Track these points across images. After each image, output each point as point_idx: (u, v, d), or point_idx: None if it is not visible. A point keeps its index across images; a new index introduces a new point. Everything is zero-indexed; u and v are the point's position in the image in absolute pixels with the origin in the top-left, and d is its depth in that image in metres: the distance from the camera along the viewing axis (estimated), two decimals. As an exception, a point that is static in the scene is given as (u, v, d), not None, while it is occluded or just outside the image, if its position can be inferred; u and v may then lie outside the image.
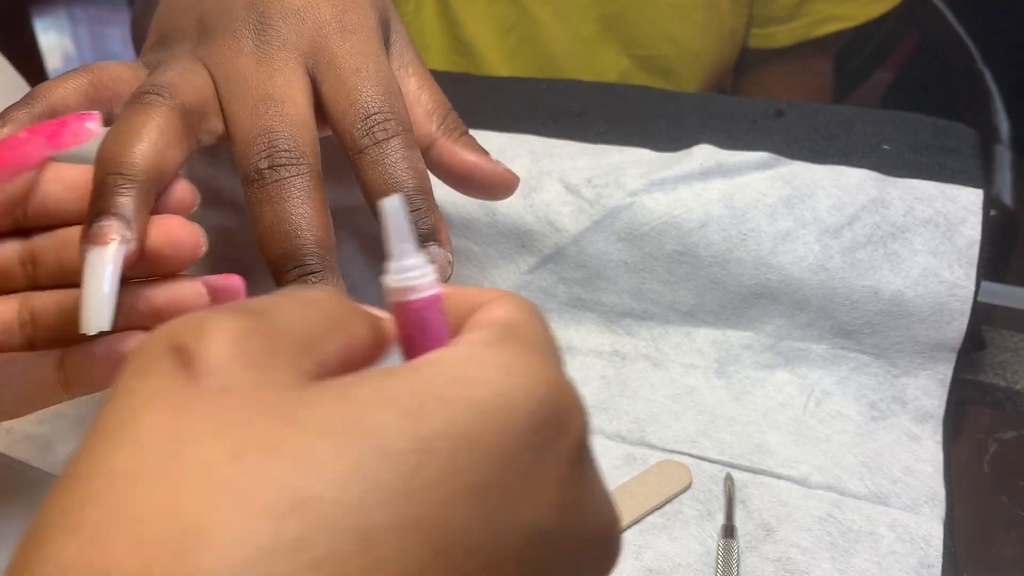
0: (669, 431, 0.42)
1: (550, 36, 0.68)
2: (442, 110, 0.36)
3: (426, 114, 0.35)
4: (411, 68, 0.36)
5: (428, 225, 0.30)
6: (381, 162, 0.30)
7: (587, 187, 0.44)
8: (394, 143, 0.31)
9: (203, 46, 0.32)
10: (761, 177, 0.43)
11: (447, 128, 0.36)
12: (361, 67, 0.32)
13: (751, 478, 0.39)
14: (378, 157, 0.30)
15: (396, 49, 0.36)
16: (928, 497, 0.38)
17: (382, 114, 0.31)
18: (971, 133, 0.47)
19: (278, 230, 0.28)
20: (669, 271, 0.44)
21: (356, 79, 0.31)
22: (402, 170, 0.30)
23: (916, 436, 0.41)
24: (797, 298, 0.42)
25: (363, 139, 0.31)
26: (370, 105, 0.31)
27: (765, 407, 0.43)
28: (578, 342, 0.46)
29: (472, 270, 0.47)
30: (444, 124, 0.36)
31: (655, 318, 0.45)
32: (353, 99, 0.31)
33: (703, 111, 0.50)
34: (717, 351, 0.44)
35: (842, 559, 0.35)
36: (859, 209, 0.42)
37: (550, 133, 0.48)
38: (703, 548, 0.36)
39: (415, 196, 0.30)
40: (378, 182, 0.30)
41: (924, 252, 0.41)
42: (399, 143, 0.31)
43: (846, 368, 0.43)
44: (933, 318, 0.41)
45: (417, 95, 0.36)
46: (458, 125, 0.36)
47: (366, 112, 0.31)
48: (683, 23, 0.68)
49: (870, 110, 0.49)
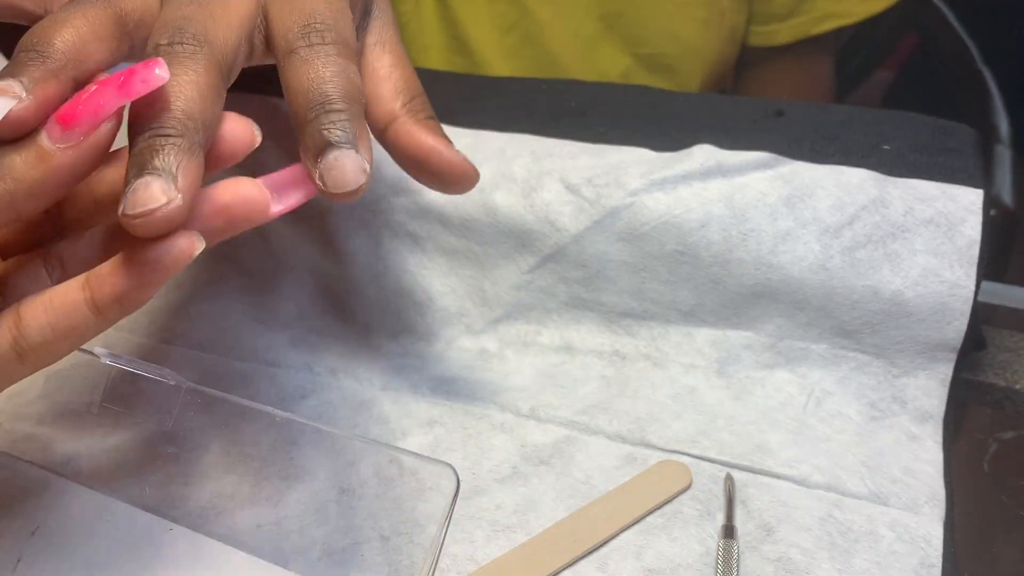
0: (669, 431, 0.42)
1: (550, 35, 0.68)
2: (411, 90, 0.35)
3: (394, 91, 0.34)
4: (388, 46, 0.35)
5: (348, 129, 0.27)
6: (311, 62, 0.28)
7: (587, 187, 0.44)
8: (328, 49, 0.29)
9: None
10: (761, 177, 0.43)
11: (412, 108, 0.34)
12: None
13: (751, 478, 0.39)
14: (308, 57, 0.28)
15: (377, 25, 0.35)
16: (928, 497, 0.38)
17: (324, 24, 0.29)
18: (971, 133, 0.46)
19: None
20: (669, 271, 0.44)
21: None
22: (331, 72, 0.28)
23: (916, 436, 0.41)
24: (797, 298, 0.42)
25: (297, 41, 0.29)
26: (313, 16, 0.29)
27: (765, 407, 0.43)
28: (578, 342, 0.46)
29: (472, 270, 0.47)
30: (411, 104, 0.34)
31: (655, 318, 0.45)
32: (297, 9, 0.29)
33: (703, 111, 0.50)
34: (717, 351, 0.44)
35: (842, 559, 0.35)
36: (859, 209, 0.42)
37: (550, 133, 0.48)
38: (703, 548, 0.36)
39: (339, 99, 0.28)
40: (302, 80, 0.28)
41: (924, 252, 0.41)
42: (333, 50, 0.29)
43: (846, 368, 0.43)
44: (933, 318, 0.41)
45: (389, 72, 0.35)
46: (424, 107, 0.35)
47: (307, 20, 0.29)
48: (684, 20, 0.68)
49: (870, 110, 0.49)
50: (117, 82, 0.25)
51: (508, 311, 0.47)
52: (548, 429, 0.42)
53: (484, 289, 0.47)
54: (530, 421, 0.43)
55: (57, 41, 0.26)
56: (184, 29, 0.28)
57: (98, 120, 0.25)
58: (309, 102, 0.28)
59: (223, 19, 0.29)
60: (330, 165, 0.27)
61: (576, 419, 0.43)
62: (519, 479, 0.40)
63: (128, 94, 0.25)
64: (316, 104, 0.28)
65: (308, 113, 0.28)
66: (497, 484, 0.40)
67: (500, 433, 0.42)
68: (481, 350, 0.47)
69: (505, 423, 0.43)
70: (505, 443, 0.42)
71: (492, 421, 0.43)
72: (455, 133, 0.48)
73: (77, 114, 0.25)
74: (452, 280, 0.47)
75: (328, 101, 0.28)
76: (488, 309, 0.47)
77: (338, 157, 0.27)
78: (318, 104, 0.28)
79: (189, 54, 0.27)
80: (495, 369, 0.46)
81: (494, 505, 0.38)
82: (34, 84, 0.25)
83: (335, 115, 0.27)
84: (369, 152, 0.28)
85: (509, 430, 0.42)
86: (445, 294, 0.47)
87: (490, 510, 0.38)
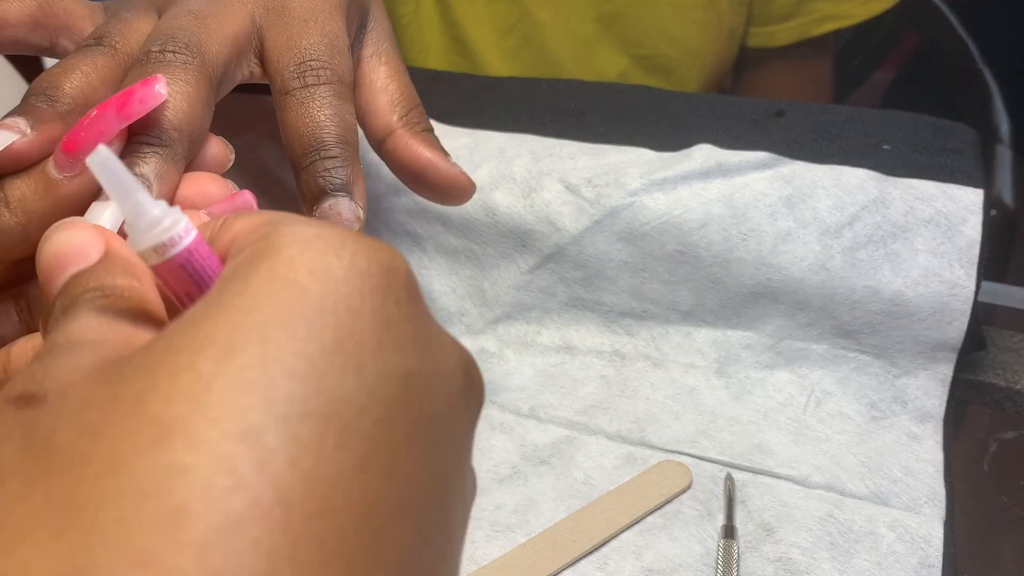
0: (669, 431, 0.42)
1: (550, 36, 0.68)
2: (408, 103, 0.35)
3: (390, 104, 0.35)
4: (384, 57, 0.35)
5: (343, 176, 0.28)
6: (306, 105, 0.29)
7: (587, 187, 0.44)
8: (324, 90, 0.29)
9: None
10: (761, 177, 0.43)
11: (409, 121, 0.35)
12: (309, 19, 0.31)
13: (751, 478, 0.39)
14: (304, 100, 0.29)
15: (372, 37, 0.36)
16: (928, 497, 0.38)
17: (319, 61, 0.30)
18: (971, 133, 0.46)
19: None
20: (669, 271, 0.44)
21: (301, 27, 0.31)
22: (326, 116, 0.29)
23: (916, 436, 0.41)
24: (797, 298, 0.42)
25: (293, 81, 0.30)
26: (308, 52, 0.30)
27: (765, 407, 0.43)
28: (578, 342, 0.46)
29: (472, 270, 0.47)
30: (407, 117, 0.35)
31: (655, 318, 0.45)
32: (293, 44, 0.30)
33: (703, 111, 0.50)
34: (717, 351, 0.44)
35: (842, 559, 0.35)
36: (859, 209, 0.41)
37: (550, 133, 0.48)
38: (703, 548, 0.36)
39: (333, 145, 0.29)
40: (298, 124, 0.29)
41: (925, 252, 0.41)
42: (329, 91, 0.29)
43: (846, 368, 0.43)
44: (934, 318, 0.41)
45: (385, 84, 0.35)
46: (421, 120, 0.35)
47: (302, 57, 0.30)
48: (683, 22, 0.67)
49: (870, 110, 0.49)
50: (117, 104, 0.25)
51: (508, 311, 0.47)
52: (548, 429, 0.42)
53: (484, 289, 0.47)
54: (530, 421, 0.43)
55: (66, 86, 0.27)
56: (177, 38, 0.28)
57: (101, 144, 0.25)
58: (305, 147, 0.29)
59: (217, 33, 0.29)
60: (325, 212, 0.28)
61: (576, 419, 0.43)
62: (519, 479, 0.40)
63: (128, 115, 0.25)
64: (312, 150, 0.28)
65: (304, 159, 0.29)
66: (497, 484, 0.39)
67: (500, 433, 0.42)
68: (481, 350, 0.47)
69: (505, 423, 0.43)
70: (505, 443, 0.42)
71: (492, 421, 0.43)
72: (455, 133, 0.49)
73: (80, 140, 0.25)
74: (452, 280, 0.47)
75: (323, 147, 0.28)
76: (488, 309, 0.47)
77: (333, 205, 0.28)
78: (313, 150, 0.28)
79: (181, 63, 0.28)
80: (495, 369, 0.46)
81: (494, 505, 0.38)
82: (40, 124, 0.26)
83: (330, 161, 0.28)
84: (363, 197, 0.29)
85: (509, 430, 0.42)
86: (445, 294, 0.47)
87: (490, 510, 0.38)
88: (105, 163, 0.18)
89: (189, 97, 0.27)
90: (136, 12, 0.31)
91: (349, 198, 0.28)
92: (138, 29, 0.30)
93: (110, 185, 0.18)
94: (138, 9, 0.31)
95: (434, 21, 0.69)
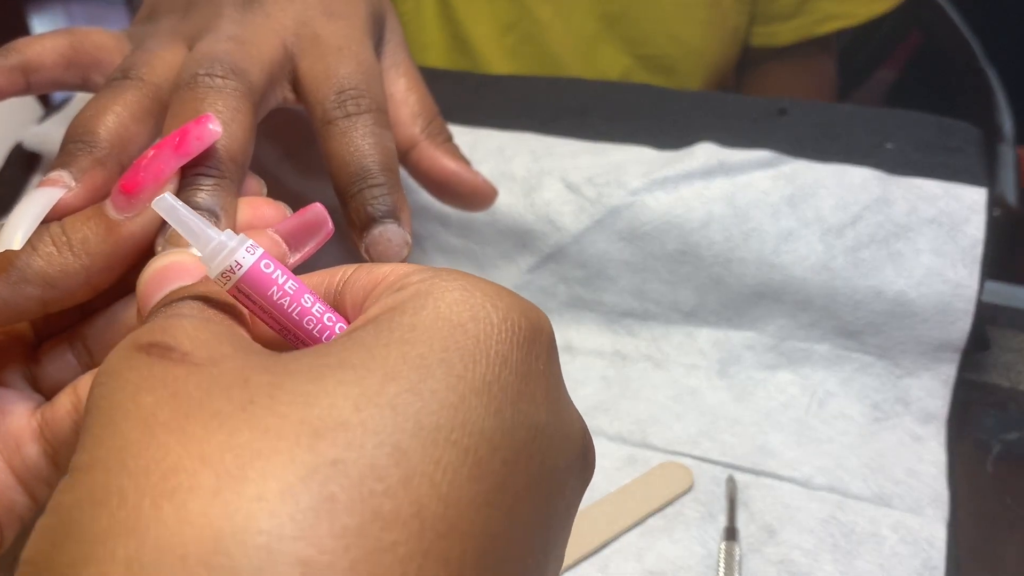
0: (671, 432, 0.41)
1: (551, 34, 0.68)
2: (428, 114, 0.36)
3: (412, 116, 0.35)
4: (402, 68, 0.36)
5: (389, 203, 0.29)
6: (349, 134, 0.30)
7: (588, 186, 0.44)
8: (365, 119, 0.30)
9: (187, 21, 0.32)
10: (763, 176, 0.42)
11: (431, 132, 0.35)
12: (343, 46, 0.31)
13: (753, 480, 0.39)
14: (347, 129, 0.30)
15: (390, 48, 0.36)
16: (931, 499, 0.38)
17: (357, 90, 0.31)
18: (975, 132, 0.46)
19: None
20: (671, 271, 0.43)
21: (336, 56, 0.31)
22: (369, 144, 0.30)
23: (919, 437, 0.41)
24: (800, 298, 0.42)
25: (334, 111, 0.30)
26: (346, 81, 0.31)
27: (767, 408, 0.42)
28: (579, 342, 0.46)
29: (472, 269, 0.46)
30: (429, 128, 0.36)
31: (656, 318, 0.45)
32: (330, 73, 0.31)
33: (705, 109, 0.50)
34: (719, 351, 0.44)
35: (845, 561, 0.35)
36: (862, 208, 0.41)
37: (551, 131, 0.48)
38: (705, 550, 0.36)
39: (378, 172, 0.29)
40: (343, 153, 0.30)
41: (928, 252, 0.41)
42: (370, 119, 0.30)
43: (849, 369, 0.42)
44: (937, 318, 0.40)
45: (405, 96, 0.36)
46: (443, 130, 0.36)
47: (341, 87, 0.31)
48: (685, 21, 0.67)
49: (873, 109, 0.48)
50: (173, 144, 0.25)
51: (508, 311, 0.46)
52: (548, 430, 0.42)
53: (484, 289, 0.47)
54: (530, 422, 0.43)
55: (101, 130, 0.27)
56: (223, 61, 0.29)
57: (160, 184, 0.25)
58: (351, 176, 0.29)
59: (257, 59, 0.30)
60: (375, 240, 0.29)
61: (577, 420, 0.42)
62: (519, 480, 0.39)
63: (186, 154, 0.25)
64: (358, 179, 0.29)
65: (351, 187, 0.29)
66: (497, 485, 0.39)
67: (500, 434, 0.42)
68: (481, 350, 0.46)
69: (505, 424, 0.43)
70: (505, 444, 0.42)
71: (492, 422, 0.43)
72: (455, 131, 0.48)
73: (140, 181, 0.25)
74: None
75: (369, 175, 0.29)
76: (488, 309, 0.47)
77: (383, 232, 0.29)
78: (359, 179, 0.29)
79: (231, 89, 0.28)
80: (495, 369, 0.46)
81: (494, 506, 0.38)
82: (82, 174, 0.26)
83: (377, 189, 0.29)
84: (409, 222, 0.30)
85: (509, 431, 0.42)
86: (445, 294, 0.47)
87: (490, 511, 0.38)
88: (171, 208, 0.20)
89: (241, 125, 0.28)
90: (161, 41, 0.31)
91: (397, 224, 0.29)
92: (164, 59, 0.30)
93: (179, 222, 0.20)
94: (162, 38, 0.32)
95: (434, 19, 0.69)
